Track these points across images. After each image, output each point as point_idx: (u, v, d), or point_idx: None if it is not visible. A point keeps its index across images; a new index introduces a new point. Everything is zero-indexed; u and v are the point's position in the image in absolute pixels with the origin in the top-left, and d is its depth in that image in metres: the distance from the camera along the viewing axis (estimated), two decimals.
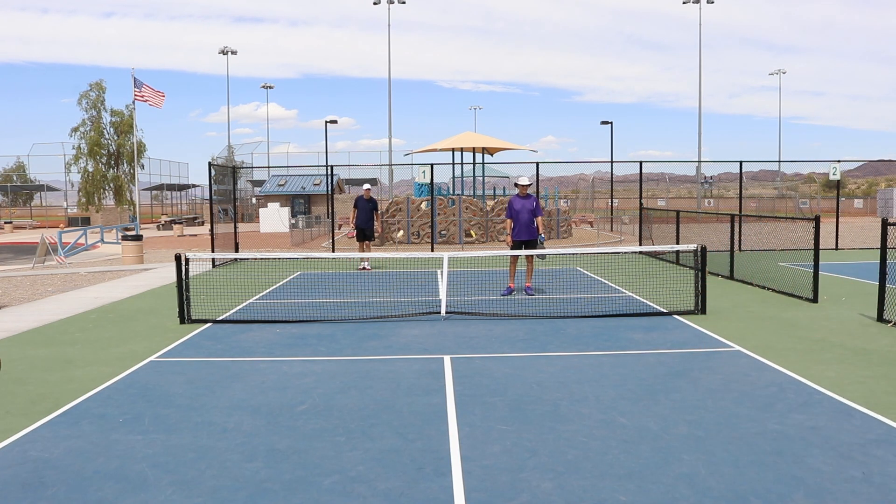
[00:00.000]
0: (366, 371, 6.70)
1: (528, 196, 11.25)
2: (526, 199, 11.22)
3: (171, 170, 62.35)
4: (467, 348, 7.60)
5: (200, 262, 15.21)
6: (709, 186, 55.81)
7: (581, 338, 8.14)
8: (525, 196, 11.23)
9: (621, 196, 45.07)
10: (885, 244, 8.87)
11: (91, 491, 4.04)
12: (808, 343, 7.72)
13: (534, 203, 11.22)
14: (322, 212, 40.61)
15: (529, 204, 11.17)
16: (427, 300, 10.77)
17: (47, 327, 9.26)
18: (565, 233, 27.10)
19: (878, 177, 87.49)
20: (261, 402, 5.75)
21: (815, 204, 52.37)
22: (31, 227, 46.81)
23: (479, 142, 27.48)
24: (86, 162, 51.74)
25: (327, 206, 27.14)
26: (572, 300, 10.72)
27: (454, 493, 3.97)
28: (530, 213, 11.11)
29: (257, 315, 9.72)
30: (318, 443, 4.78)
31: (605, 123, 45.21)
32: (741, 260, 14.18)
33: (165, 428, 5.12)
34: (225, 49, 56.43)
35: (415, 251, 20.51)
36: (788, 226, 18.36)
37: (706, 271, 9.80)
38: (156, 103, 33.78)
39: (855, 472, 4.18)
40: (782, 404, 5.52)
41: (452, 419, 5.23)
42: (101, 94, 51.19)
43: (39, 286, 13.88)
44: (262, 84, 75.71)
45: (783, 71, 63.15)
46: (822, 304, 10.22)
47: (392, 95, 43.11)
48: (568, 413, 5.36)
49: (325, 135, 66.00)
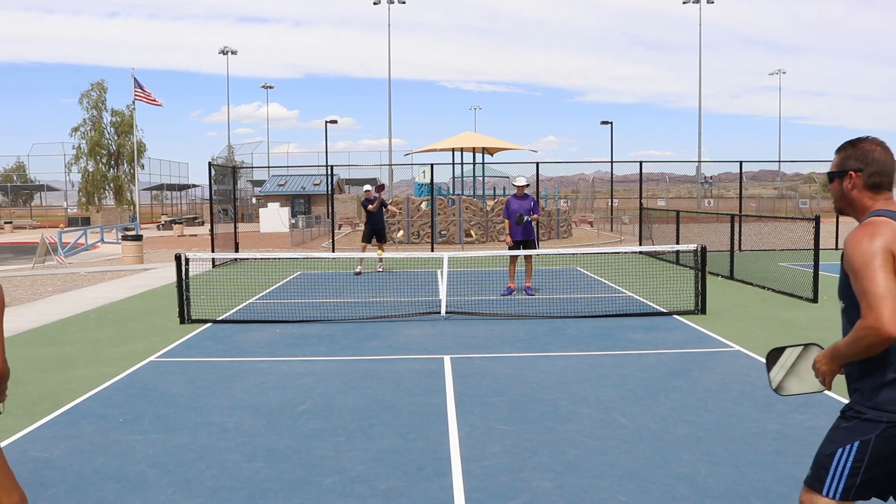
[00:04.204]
0: (366, 371, 6.71)
1: (525, 196, 11.23)
2: (523, 199, 11.20)
3: (172, 170, 62.36)
4: (467, 348, 7.60)
5: (200, 262, 15.20)
6: (709, 186, 55.84)
7: (581, 338, 8.14)
8: (522, 196, 11.21)
9: (621, 196, 45.08)
10: None
11: (91, 491, 4.04)
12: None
13: (531, 203, 11.21)
14: (322, 212, 40.62)
15: (527, 204, 11.15)
16: (427, 300, 10.77)
17: (47, 327, 9.26)
18: (565, 233, 27.10)
19: None
20: (261, 402, 5.75)
21: (815, 204, 52.37)
22: (31, 227, 46.81)
23: (479, 142, 27.48)
24: (86, 162, 51.70)
25: (327, 206, 27.14)
26: (572, 300, 10.72)
27: (454, 493, 3.97)
28: (527, 213, 11.10)
29: (257, 315, 9.72)
30: (318, 443, 4.78)
31: (605, 123, 45.24)
32: (741, 260, 14.19)
33: (165, 428, 5.12)
34: (225, 49, 56.44)
35: (415, 251, 20.52)
36: (788, 226, 18.37)
37: (706, 271, 9.80)
38: (154, 102, 33.83)
39: None
40: (782, 404, 5.51)
41: (452, 419, 5.23)
42: (102, 93, 51.17)
43: (39, 286, 13.88)
44: (262, 84, 75.72)
45: (783, 71, 63.24)
46: (822, 304, 10.22)
47: (394, 96, 43.17)
48: (568, 413, 5.36)
49: (325, 135, 66.16)
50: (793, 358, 2.68)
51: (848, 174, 2.48)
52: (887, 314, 2.17)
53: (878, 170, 2.43)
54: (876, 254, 2.25)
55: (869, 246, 2.27)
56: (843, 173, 2.49)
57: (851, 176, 2.47)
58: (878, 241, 2.27)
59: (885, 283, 2.21)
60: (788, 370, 2.67)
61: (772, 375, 2.68)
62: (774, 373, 2.68)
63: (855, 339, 2.26)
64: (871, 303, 2.20)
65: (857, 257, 2.27)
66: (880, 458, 2.33)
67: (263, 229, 35.74)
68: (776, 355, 2.70)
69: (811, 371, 2.62)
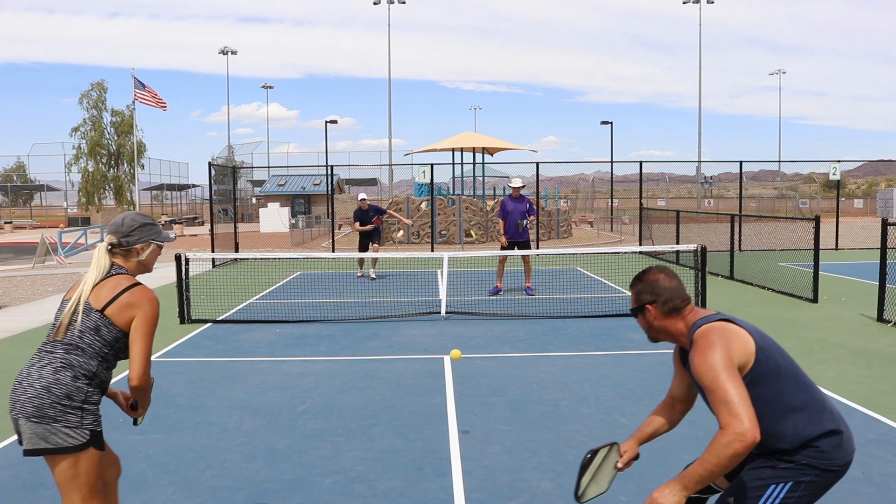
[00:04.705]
0: (366, 371, 6.71)
1: (521, 198, 11.19)
2: (519, 201, 11.15)
3: (172, 170, 62.33)
4: (467, 348, 7.60)
5: (200, 262, 15.21)
6: (709, 186, 55.82)
7: (581, 338, 8.14)
8: (518, 198, 11.18)
9: (621, 196, 45.09)
10: (885, 244, 8.88)
11: None
12: (808, 343, 7.72)
13: (527, 205, 11.16)
14: (322, 212, 40.61)
15: (522, 206, 11.10)
16: (427, 300, 10.77)
17: (47, 327, 9.24)
18: (565, 233, 27.10)
19: (878, 177, 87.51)
20: (261, 402, 5.75)
21: (815, 204, 52.35)
22: (31, 227, 46.79)
23: (479, 142, 27.48)
24: (86, 162, 51.68)
25: (327, 206, 27.13)
26: (572, 300, 10.72)
27: (454, 493, 3.97)
28: (522, 214, 11.07)
29: (257, 315, 9.72)
30: (318, 443, 4.79)
31: (605, 123, 45.25)
32: (741, 260, 14.19)
33: (165, 428, 5.12)
34: (225, 49, 56.40)
35: (415, 251, 20.52)
36: (788, 226, 18.35)
37: (706, 271, 9.80)
38: (158, 105, 33.75)
39: (855, 472, 4.17)
40: None
41: (452, 419, 5.23)
42: (102, 93, 51.15)
43: (39, 286, 13.88)
44: (262, 84, 75.71)
45: (783, 71, 63.19)
46: (822, 304, 10.22)
47: (395, 96, 43.18)
48: (568, 413, 5.36)
49: (325, 135, 66.17)
50: (598, 462, 2.68)
51: (646, 308, 2.62)
52: (748, 421, 2.22)
53: (669, 297, 2.58)
54: (722, 365, 2.32)
55: (713, 358, 2.34)
56: (641, 308, 2.64)
57: (649, 309, 2.61)
58: (718, 353, 2.35)
59: (736, 391, 2.27)
60: (593, 476, 2.67)
61: (582, 482, 2.64)
62: (585, 480, 2.64)
63: (718, 450, 2.23)
64: (729, 413, 2.23)
65: (705, 376, 2.32)
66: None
67: (263, 229, 35.72)
68: (589, 460, 2.66)
69: (608, 472, 2.72)
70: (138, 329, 2.72)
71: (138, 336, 2.71)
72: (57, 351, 2.68)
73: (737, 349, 2.38)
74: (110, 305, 2.71)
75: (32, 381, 2.63)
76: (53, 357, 2.67)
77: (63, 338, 2.70)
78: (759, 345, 2.45)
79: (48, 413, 2.58)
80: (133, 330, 2.72)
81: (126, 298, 2.72)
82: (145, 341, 2.72)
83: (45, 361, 2.67)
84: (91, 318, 2.70)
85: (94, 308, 2.70)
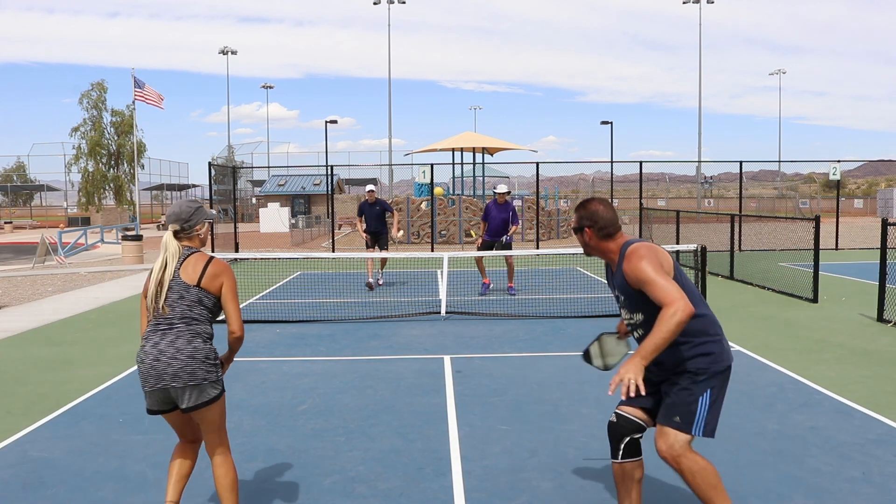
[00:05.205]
0: (366, 371, 6.70)
1: (505, 204, 11.16)
2: (503, 208, 11.10)
3: (172, 170, 62.37)
4: (467, 348, 7.60)
5: None
6: (709, 186, 55.83)
7: (581, 338, 8.13)
8: (503, 204, 11.13)
9: (621, 196, 45.05)
10: (885, 244, 8.88)
11: (91, 491, 4.04)
12: (808, 343, 7.72)
13: (510, 212, 11.12)
14: (322, 212, 40.62)
15: (505, 214, 11.06)
16: (427, 300, 10.77)
17: (47, 327, 9.26)
18: (565, 233, 27.10)
19: (878, 177, 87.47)
20: (261, 402, 5.75)
21: (815, 204, 52.35)
22: (31, 227, 46.78)
23: (478, 142, 27.49)
24: (86, 162, 51.65)
25: (327, 206, 27.14)
26: (572, 300, 10.72)
27: (454, 493, 3.97)
28: (504, 223, 11.04)
29: (257, 315, 9.72)
30: (318, 443, 4.78)
31: (605, 123, 45.19)
32: (741, 260, 14.19)
33: (166, 428, 5.11)
34: (225, 49, 56.39)
35: (415, 251, 20.51)
36: (788, 226, 18.34)
37: (706, 271, 9.79)
38: (157, 104, 33.72)
39: (855, 472, 4.18)
40: (782, 404, 5.52)
41: (452, 419, 5.23)
42: (102, 93, 51.13)
43: (39, 286, 13.88)
44: (262, 84, 75.70)
45: (783, 71, 63.20)
46: (822, 304, 10.22)
47: (395, 96, 43.17)
48: (568, 413, 5.36)
49: (325, 135, 66.14)
50: (598, 350, 3.69)
51: (584, 230, 3.19)
52: (684, 298, 2.83)
53: (604, 224, 3.15)
54: (656, 266, 2.95)
55: (648, 262, 2.95)
56: (581, 229, 3.21)
57: (587, 231, 3.19)
58: (650, 259, 2.97)
59: (670, 283, 2.90)
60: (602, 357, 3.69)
61: (596, 364, 3.67)
62: (597, 363, 3.68)
63: (665, 322, 2.80)
64: (670, 294, 2.84)
65: (645, 272, 2.93)
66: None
67: (263, 229, 35.73)
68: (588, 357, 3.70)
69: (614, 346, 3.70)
70: (228, 292, 3.32)
71: (230, 297, 3.32)
72: (176, 325, 3.19)
73: (664, 259, 3.02)
74: (202, 279, 3.25)
75: (175, 354, 3.14)
76: (179, 331, 3.19)
77: (170, 315, 3.20)
78: (675, 265, 3.08)
79: (199, 374, 3.16)
80: (224, 293, 3.31)
81: (211, 270, 3.28)
82: (237, 300, 3.36)
83: (172, 336, 3.17)
84: (192, 293, 3.23)
85: (191, 285, 3.23)
